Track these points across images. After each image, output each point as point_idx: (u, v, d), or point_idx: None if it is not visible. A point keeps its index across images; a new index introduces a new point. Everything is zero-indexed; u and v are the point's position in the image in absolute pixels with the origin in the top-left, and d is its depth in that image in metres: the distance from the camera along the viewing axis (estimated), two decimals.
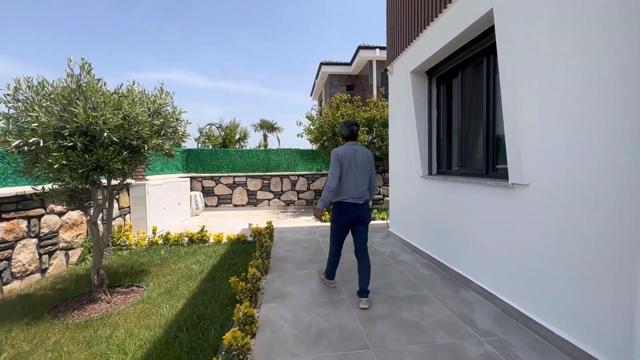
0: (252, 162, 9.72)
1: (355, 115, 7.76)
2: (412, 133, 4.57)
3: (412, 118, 4.50)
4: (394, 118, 5.60)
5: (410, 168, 4.81)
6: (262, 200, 9.65)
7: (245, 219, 8.12)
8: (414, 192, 4.74)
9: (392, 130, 5.76)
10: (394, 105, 5.55)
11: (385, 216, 7.66)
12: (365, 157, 3.03)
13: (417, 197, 4.61)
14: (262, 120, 19.68)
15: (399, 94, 5.20)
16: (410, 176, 4.85)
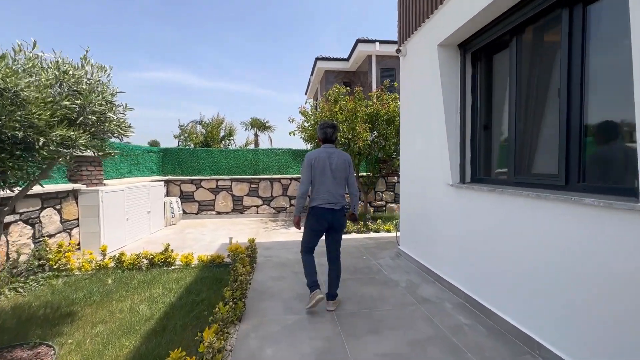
0: (238, 163, 8.58)
1: (357, 110, 6.70)
2: (437, 127, 3.49)
3: (437, 107, 3.42)
4: (408, 110, 4.52)
5: (433, 173, 3.73)
6: (249, 207, 8.51)
7: (227, 230, 6.96)
8: (438, 204, 3.65)
9: (405, 125, 4.68)
10: (408, 94, 4.47)
11: (391, 227, 6.58)
12: (341, 161, 2.89)
13: (444, 211, 3.52)
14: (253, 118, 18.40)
15: (416, 79, 4.13)
16: (432, 183, 3.77)
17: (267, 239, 6.07)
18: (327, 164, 2.86)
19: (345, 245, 5.69)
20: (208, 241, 5.95)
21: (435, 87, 3.44)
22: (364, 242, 5.77)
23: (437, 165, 3.61)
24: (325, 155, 2.89)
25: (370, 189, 7.87)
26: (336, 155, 2.91)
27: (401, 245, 4.90)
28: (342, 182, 2.94)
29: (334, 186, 2.88)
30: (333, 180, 2.87)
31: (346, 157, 2.98)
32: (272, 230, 6.89)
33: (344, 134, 6.82)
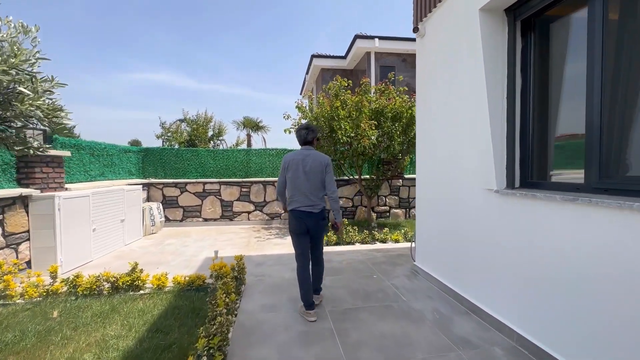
0: (227, 164, 7.76)
1: (362, 104, 5.96)
2: (475, 117, 2.76)
3: (477, 92, 2.69)
4: (427, 99, 3.79)
5: (466, 175, 3.00)
6: (240, 213, 7.69)
7: (214, 241, 6.13)
8: (473, 215, 2.91)
9: (423, 117, 3.95)
10: (428, 80, 3.74)
11: (399, 237, 5.83)
12: (316, 163, 2.87)
13: (483, 225, 2.78)
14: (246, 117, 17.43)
15: (441, 60, 3.40)
16: (464, 188, 3.03)
17: (259, 252, 5.26)
18: (301, 166, 2.86)
19: (351, 260, 4.90)
20: (190, 255, 5.12)
21: (473, 66, 2.70)
22: (371, 255, 5.00)
23: (473, 165, 2.87)
24: (300, 157, 2.89)
25: (374, 193, 7.13)
26: (311, 157, 2.88)
27: (418, 261, 4.15)
28: (318, 185, 2.89)
29: (309, 189, 2.86)
30: (307, 183, 2.85)
31: (323, 158, 2.92)
32: (266, 241, 6.08)
33: (346, 133, 6.07)
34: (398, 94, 6.67)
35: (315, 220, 2.90)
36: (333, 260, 4.74)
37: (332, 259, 4.77)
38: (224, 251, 5.28)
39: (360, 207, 7.94)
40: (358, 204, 7.94)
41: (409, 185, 8.09)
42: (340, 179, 7.77)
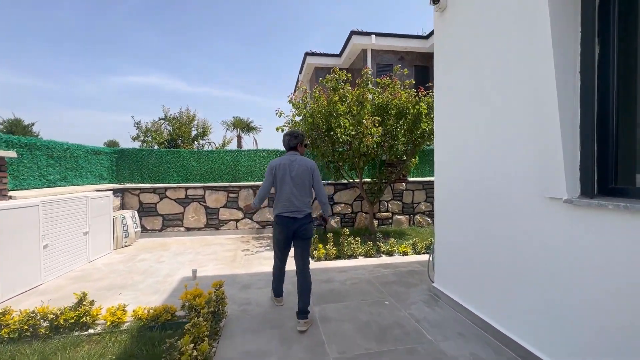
0: (213, 167, 6.98)
1: (364, 98, 5.26)
2: (533, 101, 2.07)
3: (536, 68, 2.00)
4: (449, 86, 3.10)
5: (509, 180, 2.30)
6: (227, 221, 6.89)
7: (195, 254, 5.34)
8: (527, 234, 2.21)
9: (444, 108, 3.26)
10: (449, 61, 3.06)
11: (407, 249, 5.12)
12: (303, 168, 2.87)
13: (544, 248, 2.08)
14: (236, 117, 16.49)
15: (473, 33, 2.72)
16: (512, 197, 2.33)
17: (247, 269, 4.49)
18: (288, 171, 2.86)
19: (356, 279, 4.01)
20: (164, 274, 4.32)
21: (526, 36, 2.02)
22: (378, 272, 4.28)
23: (523, 168, 2.18)
24: (287, 162, 2.90)
25: (376, 198, 6.42)
26: (297, 163, 2.88)
27: (438, 282, 3.44)
28: (304, 190, 2.89)
29: (295, 194, 2.85)
30: (293, 188, 2.85)
31: (309, 164, 2.92)
32: (255, 254, 5.31)
33: (346, 131, 5.37)
34: (403, 87, 6.00)
35: (299, 225, 2.86)
36: (335, 279, 4.00)
37: (334, 278, 4.04)
38: (205, 269, 4.49)
39: (360, 213, 7.23)
40: (358, 209, 7.23)
41: (413, 190, 7.42)
42: (338, 183, 7.06)
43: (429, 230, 6.82)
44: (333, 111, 5.46)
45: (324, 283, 3.89)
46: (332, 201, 7.12)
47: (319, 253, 4.86)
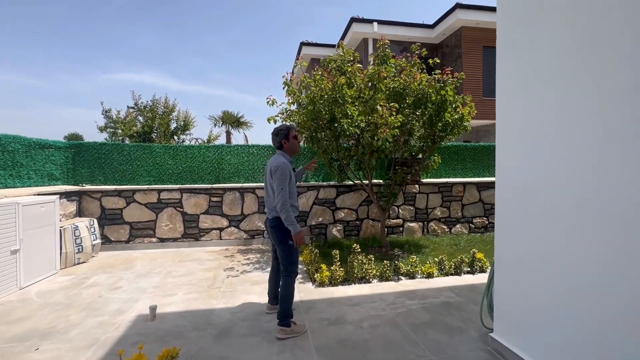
0: (192, 166, 5.84)
1: (378, 79, 4.19)
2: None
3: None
4: (526, 60, 2.05)
5: None
6: (209, 230, 5.77)
7: (164, 277, 4.21)
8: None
9: (514, 92, 2.22)
10: (525, 21, 2.02)
11: (433, 270, 4.07)
12: (268, 169, 2.77)
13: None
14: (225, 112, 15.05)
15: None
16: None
17: (228, 300, 3.39)
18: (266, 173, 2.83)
19: (375, 319, 2.86)
20: (114, 310, 3.18)
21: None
22: (403, 304, 3.23)
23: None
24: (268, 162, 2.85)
25: (389, 204, 5.36)
26: (270, 162, 2.78)
27: (499, 331, 2.40)
28: (270, 192, 2.77)
29: (267, 195, 2.84)
30: (266, 190, 2.85)
31: (273, 163, 2.69)
32: (241, 276, 4.20)
33: (353, 123, 4.30)
34: (421, 70, 4.95)
35: (268, 227, 2.78)
36: (347, 319, 2.93)
37: (346, 317, 2.97)
38: (171, 300, 3.38)
39: (366, 220, 6.18)
40: (364, 216, 6.18)
41: (428, 192, 6.40)
42: (341, 185, 5.99)
43: (447, 241, 5.82)
44: (338, 96, 4.39)
45: (332, 326, 2.82)
46: (334, 206, 6.06)
47: (322, 276, 3.79)
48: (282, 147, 2.80)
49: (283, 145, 2.79)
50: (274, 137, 2.82)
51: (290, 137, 2.79)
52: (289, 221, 2.54)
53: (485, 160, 6.97)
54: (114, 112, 10.80)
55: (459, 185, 6.52)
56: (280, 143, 2.78)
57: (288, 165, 2.63)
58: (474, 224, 6.60)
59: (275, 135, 2.81)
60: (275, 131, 2.81)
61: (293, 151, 2.83)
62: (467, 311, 3.07)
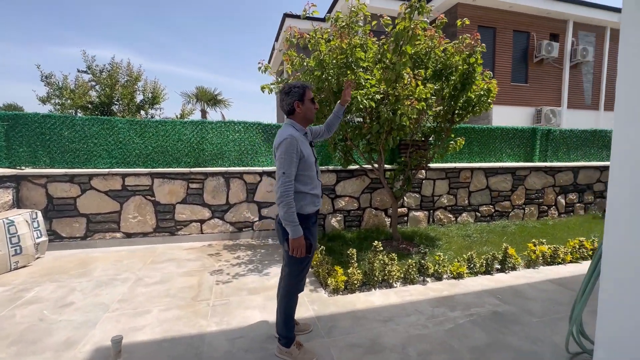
0: (165, 145, 4.82)
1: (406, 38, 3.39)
2: None
3: None
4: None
5: None
6: (187, 222, 4.84)
7: (133, 285, 3.31)
8: None
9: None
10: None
11: (463, 269, 3.48)
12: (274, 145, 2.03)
13: None
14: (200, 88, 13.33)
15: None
16: None
17: (222, 320, 2.58)
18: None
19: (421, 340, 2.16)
20: (60, 341, 2.28)
21: None
22: (445, 317, 2.60)
23: None
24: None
25: (403, 192, 4.68)
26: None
27: (599, 359, 1.80)
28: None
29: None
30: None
31: (278, 136, 1.97)
32: (233, 281, 3.38)
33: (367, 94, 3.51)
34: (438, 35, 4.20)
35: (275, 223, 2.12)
36: (384, 343, 2.24)
37: (382, 340, 2.28)
38: (143, 322, 2.52)
39: (369, 209, 5.51)
40: (366, 204, 5.50)
41: (435, 179, 5.82)
42: (341, 170, 5.24)
43: (456, 232, 5.29)
44: (351, 61, 3.57)
45: (369, 355, 2.12)
46: (334, 194, 5.32)
47: (337, 281, 3.07)
48: (294, 113, 2.05)
49: (295, 109, 2.03)
50: (284, 97, 2.05)
51: (306, 100, 2.04)
52: (288, 219, 1.86)
53: (492, 144, 6.48)
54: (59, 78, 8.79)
55: (467, 170, 6.00)
56: (292, 106, 2.03)
57: (296, 139, 1.90)
58: (480, 212, 6.15)
59: (285, 94, 2.04)
60: (287, 89, 2.03)
61: (308, 119, 2.08)
62: (526, 325, 2.50)
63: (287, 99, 2.03)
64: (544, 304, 2.85)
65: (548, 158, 6.74)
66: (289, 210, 1.84)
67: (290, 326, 2.08)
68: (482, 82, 4.10)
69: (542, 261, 3.82)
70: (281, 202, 1.85)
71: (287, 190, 1.84)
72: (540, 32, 11.70)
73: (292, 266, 2.03)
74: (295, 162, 1.88)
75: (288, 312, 2.07)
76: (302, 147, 1.93)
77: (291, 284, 2.06)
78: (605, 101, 12.84)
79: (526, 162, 6.54)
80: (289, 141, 1.87)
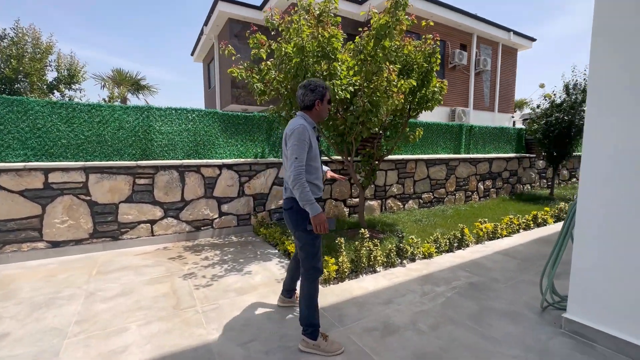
0: (102, 134, 4.04)
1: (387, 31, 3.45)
2: None
3: None
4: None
5: None
6: (135, 224, 4.18)
7: (87, 302, 2.73)
8: None
9: None
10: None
11: (432, 249, 3.85)
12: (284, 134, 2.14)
13: None
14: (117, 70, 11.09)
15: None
16: None
17: (222, 322, 2.34)
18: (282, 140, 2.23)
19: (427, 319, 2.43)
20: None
21: None
22: (434, 293, 2.85)
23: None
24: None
25: (368, 183, 4.87)
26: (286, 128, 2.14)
27: (576, 311, 2.23)
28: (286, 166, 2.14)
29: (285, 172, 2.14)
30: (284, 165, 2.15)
31: (290, 125, 2.07)
32: (215, 283, 3.07)
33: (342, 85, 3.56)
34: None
35: (284, 210, 2.20)
36: (396, 322, 2.35)
37: (393, 320, 2.39)
38: (122, 342, 2.12)
39: (329, 200, 5.61)
40: (327, 196, 5.58)
41: (386, 169, 6.24)
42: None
43: (406, 217, 5.79)
44: (329, 50, 3.56)
45: (389, 337, 2.20)
46: None
47: (328, 270, 3.07)
48: (311, 109, 2.16)
49: (315, 106, 2.14)
50: (307, 92, 2.13)
51: (325, 100, 2.17)
52: (304, 199, 1.93)
53: (430, 138, 7.24)
54: None
55: (412, 162, 6.59)
56: (313, 103, 2.13)
57: (308, 129, 2.03)
58: (422, 199, 6.84)
59: (310, 91, 2.12)
60: (312, 86, 2.12)
61: (321, 118, 2.23)
62: (498, 291, 2.91)
63: (310, 95, 2.12)
64: (502, 273, 3.35)
65: (471, 150, 7.85)
66: (304, 190, 1.91)
67: (316, 313, 2.07)
68: (436, 80, 4.53)
69: (486, 237, 4.48)
70: (296, 184, 1.91)
71: (300, 174, 1.92)
72: (454, 42, 13.43)
73: (307, 249, 2.07)
74: (306, 149, 1.97)
75: (313, 298, 2.07)
76: (312, 138, 2.04)
77: (310, 266, 2.08)
78: (499, 104, 15.51)
79: (455, 154, 7.50)
80: (301, 130, 1.96)
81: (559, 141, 7.50)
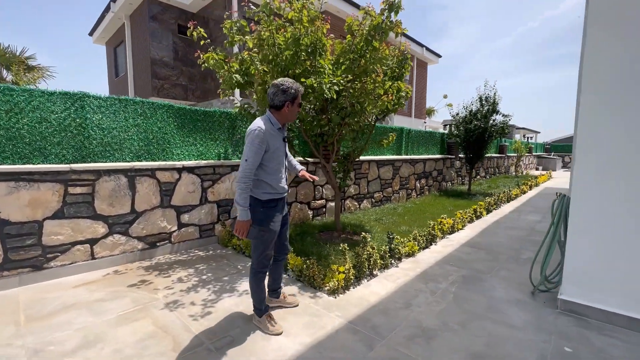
0: (17, 129, 2.94)
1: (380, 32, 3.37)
2: None
3: None
4: None
5: None
6: (67, 246, 3.19)
7: (27, 359, 1.94)
8: None
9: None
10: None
11: (415, 247, 4.02)
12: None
13: None
14: None
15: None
16: None
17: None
18: None
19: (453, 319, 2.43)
20: None
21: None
22: (438, 289, 2.97)
23: None
24: None
25: (345, 185, 4.78)
26: None
27: (572, 292, 2.59)
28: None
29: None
30: None
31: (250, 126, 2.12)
32: (212, 309, 2.53)
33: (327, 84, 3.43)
34: None
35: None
36: (422, 322, 2.34)
37: (418, 319, 2.37)
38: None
39: (295, 203, 5.36)
40: (292, 199, 5.32)
41: None
42: None
43: (365, 217, 5.97)
44: (319, 47, 3.37)
45: (429, 340, 2.17)
46: None
47: (337, 280, 2.89)
48: (280, 110, 2.18)
49: (284, 107, 2.17)
50: (278, 92, 2.13)
51: (296, 103, 2.21)
52: (238, 201, 2.05)
53: (378, 139, 7.61)
54: None
55: (366, 163, 6.83)
56: (283, 104, 2.15)
57: (264, 132, 2.05)
58: (374, 199, 7.16)
59: (282, 92, 2.12)
60: (285, 87, 2.12)
61: (288, 120, 2.26)
62: (488, 281, 3.20)
63: (281, 96, 2.12)
64: (481, 263, 3.72)
65: (409, 152, 8.58)
66: (242, 194, 2.03)
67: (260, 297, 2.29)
68: (404, 85, 4.77)
69: (448, 232, 4.92)
70: (238, 186, 2.04)
71: (246, 176, 2.03)
72: None
73: (254, 248, 2.24)
74: (259, 153, 2.04)
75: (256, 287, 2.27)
76: (270, 140, 2.08)
77: (256, 260, 2.24)
78: (415, 110, 17.44)
79: (398, 155, 8.08)
80: (255, 133, 2.02)
81: (475, 145, 8.83)
